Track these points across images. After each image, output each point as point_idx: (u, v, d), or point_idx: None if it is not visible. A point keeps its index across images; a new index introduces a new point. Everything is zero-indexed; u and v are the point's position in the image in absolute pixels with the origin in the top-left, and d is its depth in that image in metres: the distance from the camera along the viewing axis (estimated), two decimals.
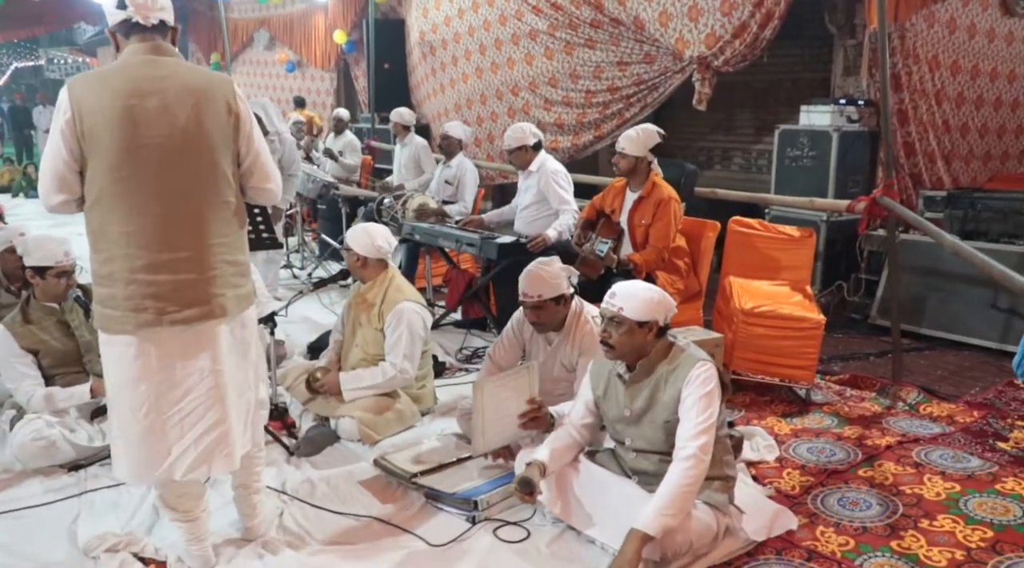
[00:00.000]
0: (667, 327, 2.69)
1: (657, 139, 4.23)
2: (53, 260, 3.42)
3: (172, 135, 2.27)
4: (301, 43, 12.02)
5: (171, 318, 2.29)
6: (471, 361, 4.69)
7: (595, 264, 4.15)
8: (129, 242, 2.26)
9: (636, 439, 2.70)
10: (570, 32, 6.78)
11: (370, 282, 3.78)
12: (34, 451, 3.25)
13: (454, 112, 8.68)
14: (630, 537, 2.41)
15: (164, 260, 2.28)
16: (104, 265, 2.30)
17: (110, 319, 2.30)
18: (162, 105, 2.26)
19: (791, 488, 3.14)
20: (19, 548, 2.75)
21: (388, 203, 6.07)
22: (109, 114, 2.21)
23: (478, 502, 2.87)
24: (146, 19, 2.29)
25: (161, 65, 2.30)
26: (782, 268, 4.41)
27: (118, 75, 2.26)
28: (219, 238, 2.38)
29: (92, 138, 2.22)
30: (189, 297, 2.31)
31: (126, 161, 2.23)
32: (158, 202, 2.28)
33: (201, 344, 2.36)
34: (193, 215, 2.33)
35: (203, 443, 2.38)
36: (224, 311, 2.38)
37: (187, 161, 2.31)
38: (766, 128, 6.44)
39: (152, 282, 2.27)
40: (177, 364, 2.34)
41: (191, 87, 2.31)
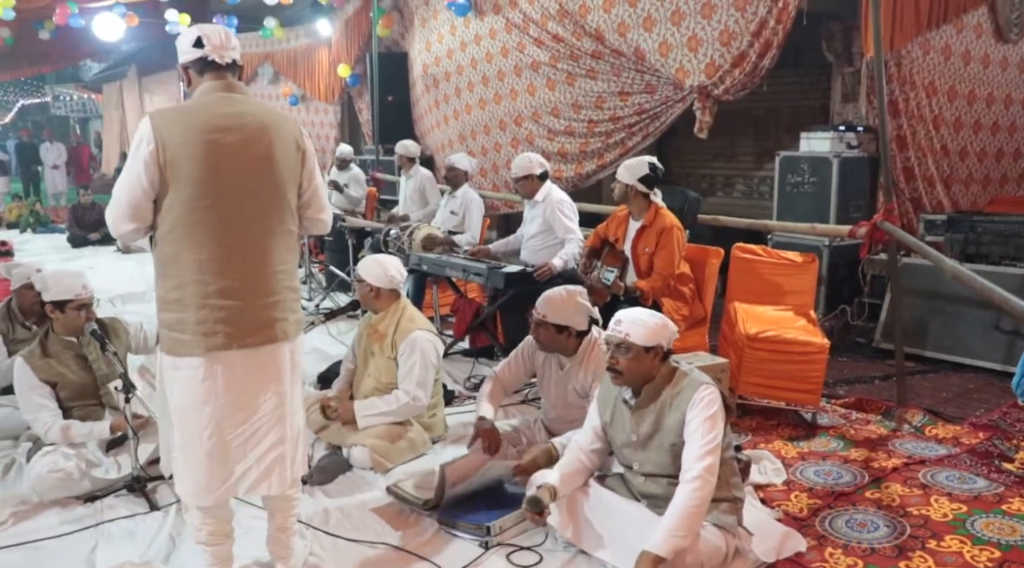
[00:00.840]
0: (670, 352, 2.75)
1: (646, 170, 4.27)
2: (72, 294, 3.49)
3: (249, 168, 2.40)
4: (305, 77, 12.19)
5: (240, 342, 2.39)
6: (479, 389, 4.73)
7: (602, 292, 4.21)
8: (202, 269, 2.36)
9: (644, 464, 2.74)
10: (572, 63, 6.90)
11: (382, 312, 3.84)
12: (51, 483, 3.29)
13: (458, 143, 8.79)
14: (642, 559, 2.44)
15: (235, 286, 2.39)
16: (174, 291, 2.39)
17: (179, 343, 2.39)
18: (240, 140, 2.38)
19: (799, 510, 3.17)
20: None
21: (395, 234, 6.15)
22: (191, 147, 2.32)
23: (491, 527, 2.90)
24: (221, 58, 2.43)
25: (236, 102, 2.43)
26: (786, 293, 4.47)
27: (199, 111, 2.38)
28: (282, 265, 2.51)
29: (174, 169, 2.31)
30: (256, 321, 2.42)
31: (205, 192, 2.34)
32: (232, 231, 2.39)
33: (266, 367, 2.47)
34: (263, 244, 2.45)
35: (265, 462, 2.49)
36: (286, 335, 2.50)
37: (261, 193, 2.44)
38: (767, 155, 6.54)
39: (223, 307, 2.37)
40: (243, 386, 2.43)
41: (265, 123, 2.45)
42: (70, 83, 23.34)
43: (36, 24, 12.62)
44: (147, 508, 3.25)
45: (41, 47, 14.65)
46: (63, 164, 16.63)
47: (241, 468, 2.46)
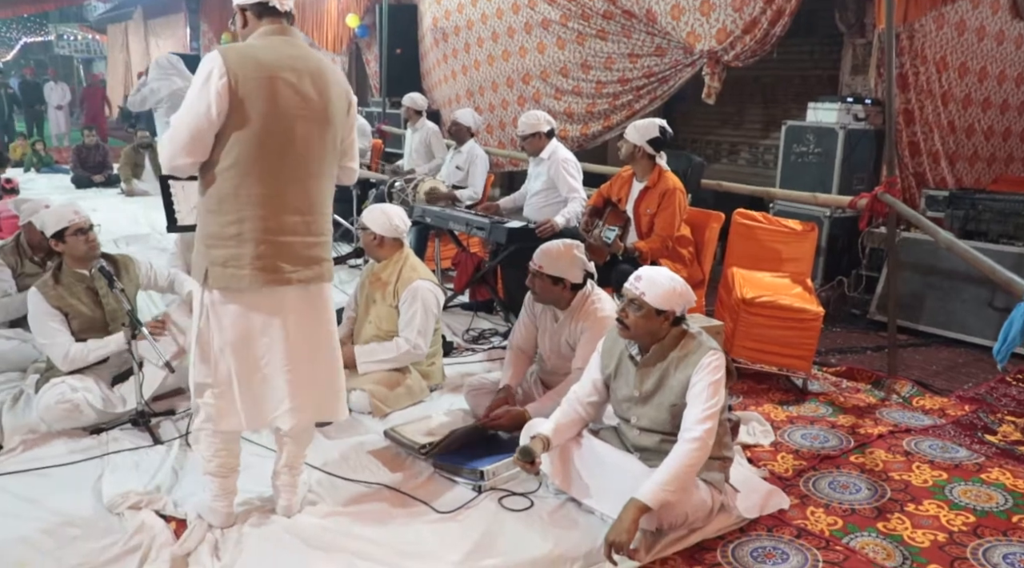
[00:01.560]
0: (683, 317, 2.80)
1: (655, 133, 4.30)
2: (67, 220, 3.54)
3: (311, 109, 2.47)
4: (313, 26, 12.07)
5: (296, 277, 2.49)
6: (477, 342, 4.81)
7: (602, 251, 4.26)
8: (264, 203, 2.43)
9: (642, 418, 2.81)
10: (582, 23, 6.87)
11: (385, 261, 3.90)
12: (58, 413, 3.37)
13: (465, 98, 8.77)
14: (629, 506, 2.52)
15: (293, 223, 2.48)
16: (231, 226, 2.43)
17: (233, 278, 2.44)
18: (304, 81, 2.45)
19: (784, 471, 3.26)
20: (47, 503, 2.88)
21: (399, 186, 6.18)
22: (261, 83, 2.37)
23: (484, 473, 3.00)
24: (282, 4, 2.48)
25: (298, 46, 2.50)
26: (784, 260, 4.52)
27: (266, 50, 2.43)
28: (328, 207, 2.63)
29: (246, 104, 2.36)
30: (308, 259, 2.53)
31: (271, 129, 2.41)
32: (293, 169, 2.46)
33: (316, 304, 2.60)
34: (316, 184, 2.54)
35: (315, 396, 2.62)
36: (330, 275, 2.63)
37: (319, 134, 2.51)
38: (774, 123, 6.53)
39: (281, 243, 2.46)
40: (297, 322, 2.54)
41: (323, 70, 2.53)
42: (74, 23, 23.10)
43: None
44: (151, 442, 3.34)
45: None
46: (67, 105, 16.52)
47: (296, 400, 2.57)
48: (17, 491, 2.96)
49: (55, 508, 2.85)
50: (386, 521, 2.81)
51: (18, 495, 2.93)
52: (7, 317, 4.20)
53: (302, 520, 2.79)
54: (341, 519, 2.82)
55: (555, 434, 2.87)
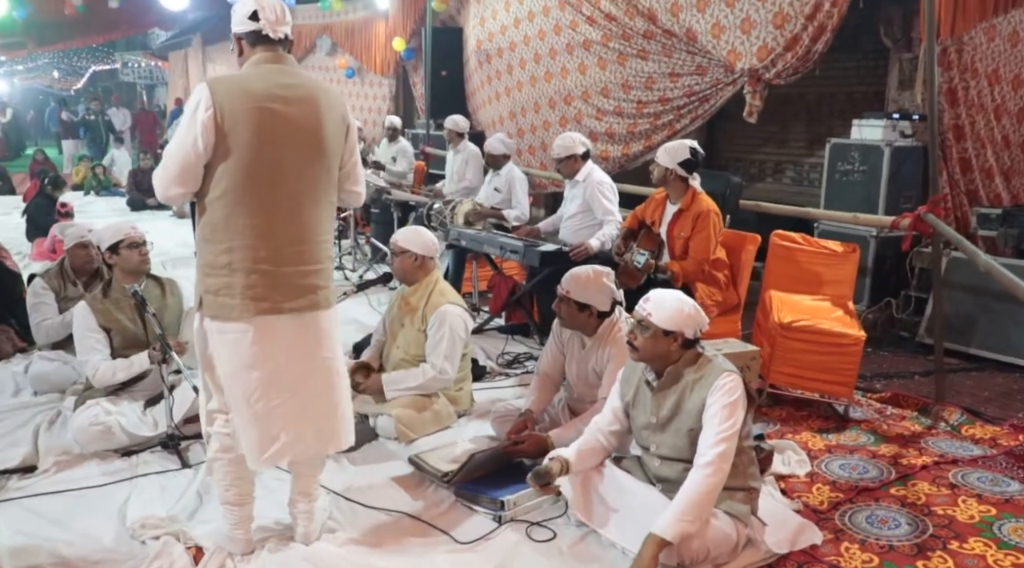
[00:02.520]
0: (696, 340, 2.73)
1: (686, 155, 4.22)
2: (123, 233, 3.67)
3: (301, 138, 2.47)
4: (362, 50, 12.26)
5: (289, 306, 2.47)
6: (511, 366, 4.77)
7: (634, 274, 4.19)
8: (254, 234, 2.43)
9: (661, 446, 2.74)
10: (623, 43, 6.83)
11: (415, 285, 3.89)
12: (92, 435, 3.44)
13: (508, 120, 8.79)
14: (647, 541, 2.46)
15: (285, 252, 2.46)
16: (223, 255, 2.44)
17: (227, 307, 2.44)
18: (294, 111, 2.45)
19: (819, 503, 3.14)
20: (75, 525, 2.93)
21: (437, 208, 6.20)
22: (248, 114, 2.38)
23: (505, 502, 2.94)
24: (275, 32, 2.49)
25: (289, 74, 2.50)
26: (824, 283, 4.38)
27: (256, 80, 2.44)
28: (325, 235, 2.59)
29: (230, 134, 2.37)
30: (302, 288, 2.50)
31: (259, 159, 2.41)
32: (284, 198, 2.46)
33: (311, 333, 2.55)
34: (310, 212, 2.52)
35: (313, 428, 2.57)
36: (328, 302, 2.58)
37: (311, 163, 2.50)
38: (819, 141, 6.37)
39: (273, 273, 2.44)
40: (289, 352, 2.50)
41: (316, 96, 2.51)
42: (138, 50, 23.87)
43: None
44: (179, 465, 3.37)
45: (111, 15, 14.95)
46: (127, 129, 17.05)
47: (287, 435, 2.52)
48: (47, 513, 3.01)
49: (82, 530, 2.89)
50: (404, 550, 2.78)
51: (47, 517, 2.98)
52: (49, 339, 4.32)
53: (321, 548, 2.77)
54: (360, 547, 2.80)
55: (576, 459, 2.82)
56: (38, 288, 4.36)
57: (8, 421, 3.79)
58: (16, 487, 3.20)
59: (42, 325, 4.31)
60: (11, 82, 26.09)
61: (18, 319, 4.68)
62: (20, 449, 3.50)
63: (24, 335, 4.67)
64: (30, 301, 4.36)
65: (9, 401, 4.07)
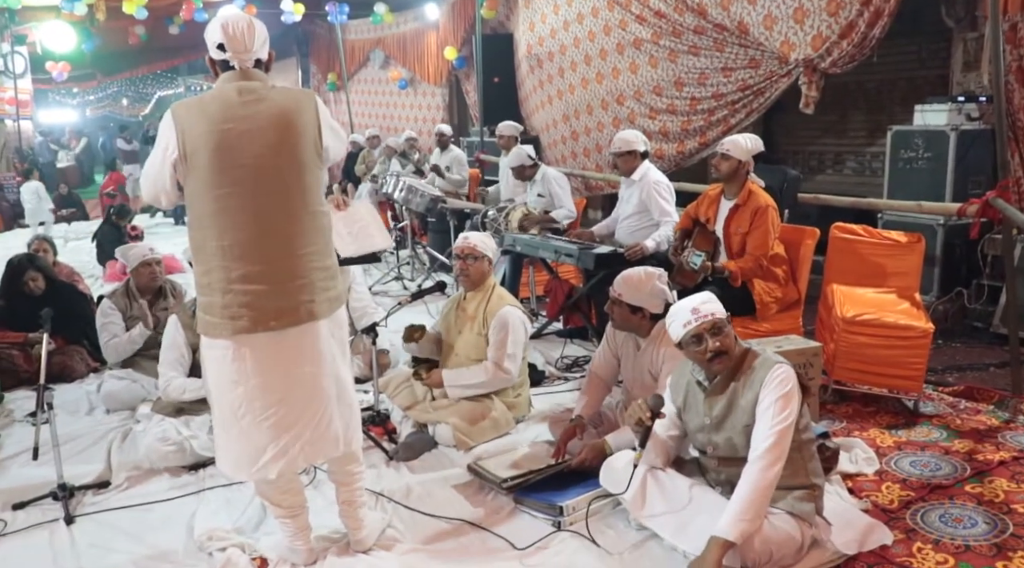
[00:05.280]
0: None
1: (761, 147, 4.21)
2: None
3: (264, 156, 2.44)
4: (414, 61, 12.41)
5: (264, 325, 2.46)
6: (570, 370, 4.74)
7: (690, 275, 4.14)
8: (225, 255, 2.44)
9: (718, 447, 2.69)
10: (674, 40, 6.76)
11: (473, 291, 3.91)
12: (162, 453, 3.53)
13: (562, 123, 8.77)
14: (711, 544, 2.41)
15: (258, 271, 2.45)
16: (204, 276, 2.50)
17: (209, 325, 2.49)
18: (255, 128, 2.43)
19: (889, 502, 3.03)
20: (146, 537, 3.02)
21: (491, 215, 6.21)
22: (208, 138, 2.40)
23: (564, 508, 2.92)
24: (241, 62, 2.48)
25: (250, 90, 2.46)
26: (888, 275, 4.25)
27: (214, 102, 2.45)
28: (309, 247, 2.54)
29: (193, 158, 2.41)
30: (281, 305, 2.47)
31: (223, 181, 2.42)
32: (253, 218, 2.45)
33: (294, 348, 2.52)
34: (286, 228, 2.49)
35: (302, 439, 2.54)
36: (312, 315, 2.53)
37: (279, 179, 2.47)
38: (880, 130, 6.19)
39: (246, 291, 2.44)
40: (272, 368, 2.50)
41: (283, 108, 2.48)
42: (200, 74, 24.53)
43: (167, 20, 13.34)
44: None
45: (173, 41, 15.49)
46: None
47: (273, 449, 2.51)
48: (120, 526, 3.11)
49: (152, 543, 2.98)
50: (464, 559, 2.78)
51: (121, 530, 3.08)
52: (118, 357, 4.46)
53: (382, 556, 2.80)
54: (420, 555, 2.82)
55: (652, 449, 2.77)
56: (106, 308, 4.51)
57: (83, 439, 3.91)
58: (91, 502, 3.31)
59: (110, 344, 4.46)
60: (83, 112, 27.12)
61: (90, 340, 4.84)
62: (94, 465, 3.62)
63: (96, 355, 4.84)
64: (99, 321, 4.51)
65: (84, 420, 4.21)
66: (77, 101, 26.14)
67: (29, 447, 3.33)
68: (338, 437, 2.62)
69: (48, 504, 3.25)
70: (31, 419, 4.09)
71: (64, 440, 3.31)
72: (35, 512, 3.22)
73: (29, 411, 4.24)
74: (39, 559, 2.90)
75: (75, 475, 3.40)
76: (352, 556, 2.80)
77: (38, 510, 3.23)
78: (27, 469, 3.56)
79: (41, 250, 5.72)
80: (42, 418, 3.14)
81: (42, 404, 3.11)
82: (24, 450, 3.71)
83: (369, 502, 2.99)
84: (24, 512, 3.22)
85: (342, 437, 2.64)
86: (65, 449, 3.35)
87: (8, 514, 3.21)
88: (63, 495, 3.21)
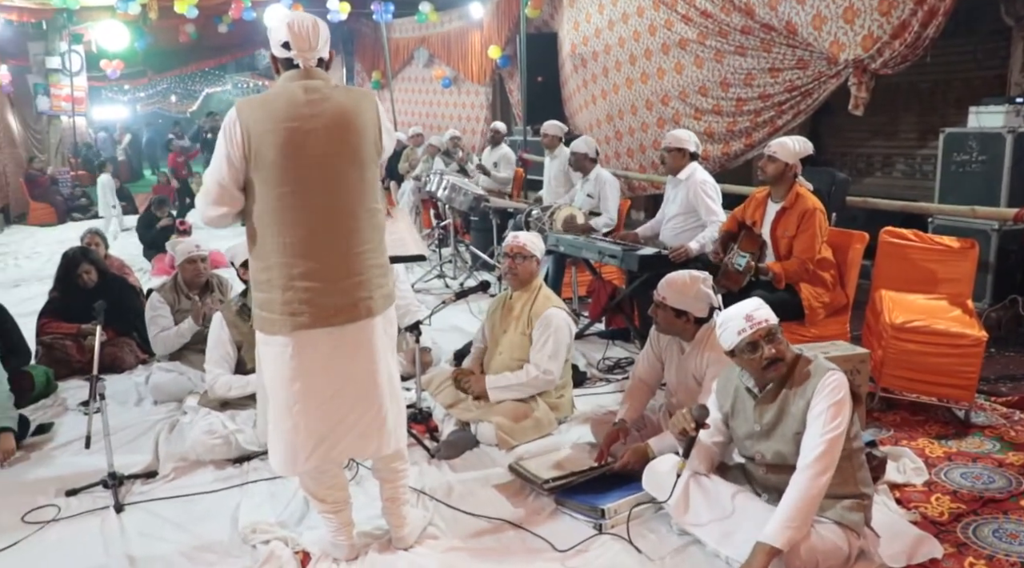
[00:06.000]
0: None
1: (810, 149, 4.14)
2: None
3: (328, 154, 2.47)
4: (459, 59, 12.44)
5: (324, 321, 2.49)
6: (612, 372, 4.72)
7: (735, 277, 4.09)
8: (286, 252, 2.47)
9: (766, 454, 2.65)
10: (720, 40, 6.68)
11: (519, 291, 3.92)
12: (208, 446, 3.59)
13: (605, 123, 8.73)
14: (756, 551, 2.38)
15: (319, 268, 2.48)
16: (263, 272, 2.52)
17: (267, 322, 2.52)
18: (320, 126, 2.46)
19: (939, 515, 2.97)
20: (191, 528, 3.07)
21: (536, 215, 6.21)
22: (274, 135, 2.42)
23: (605, 510, 2.91)
24: (305, 61, 2.51)
25: (315, 89, 2.49)
26: (940, 281, 4.15)
27: (280, 99, 2.47)
28: (367, 244, 2.57)
29: (258, 156, 2.43)
30: (340, 302, 2.51)
31: (287, 178, 2.44)
32: (316, 214, 2.48)
33: (352, 344, 2.55)
34: (347, 225, 2.52)
35: (351, 434, 2.58)
36: (370, 311, 2.57)
37: (341, 177, 2.51)
38: (932, 132, 6.07)
39: (307, 288, 2.47)
40: (329, 364, 2.53)
41: (344, 107, 2.51)
42: (247, 71, 24.89)
43: (216, 19, 13.57)
44: None
45: (221, 39, 15.77)
46: None
47: (329, 441, 2.56)
48: (166, 515, 3.18)
49: (197, 533, 3.03)
50: (504, 558, 2.78)
51: (167, 519, 3.15)
52: (166, 350, 4.55)
53: (423, 554, 2.82)
54: (461, 554, 2.83)
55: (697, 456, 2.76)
56: (155, 302, 4.61)
57: (132, 429, 4.00)
58: (139, 491, 3.38)
59: (159, 337, 4.55)
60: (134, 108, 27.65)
61: (139, 332, 4.95)
62: (142, 456, 3.71)
63: (144, 347, 4.94)
64: (148, 314, 4.61)
65: (132, 410, 4.31)
66: (128, 98, 26.64)
67: (81, 435, 3.41)
68: (390, 434, 2.65)
69: (99, 492, 3.34)
70: (83, 408, 4.20)
71: (114, 430, 3.38)
72: (86, 499, 3.30)
73: (81, 400, 4.35)
74: (91, 545, 2.97)
75: (124, 464, 3.48)
76: (394, 553, 2.83)
77: (89, 497, 3.32)
78: (79, 457, 3.65)
79: (93, 243, 5.84)
80: (94, 408, 3.21)
81: (95, 394, 3.18)
82: (77, 438, 3.81)
83: (411, 500, 3.01)
84: (76, 499, 3.31)
85: (394, 434, 2.66)
86: (115, 439, 3.41)
87: (61, 500, 3.30)
88: (113, 483, 3.28)
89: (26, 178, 13.15)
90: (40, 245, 10.57)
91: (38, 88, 14.07)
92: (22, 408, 4.01)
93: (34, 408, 4.31)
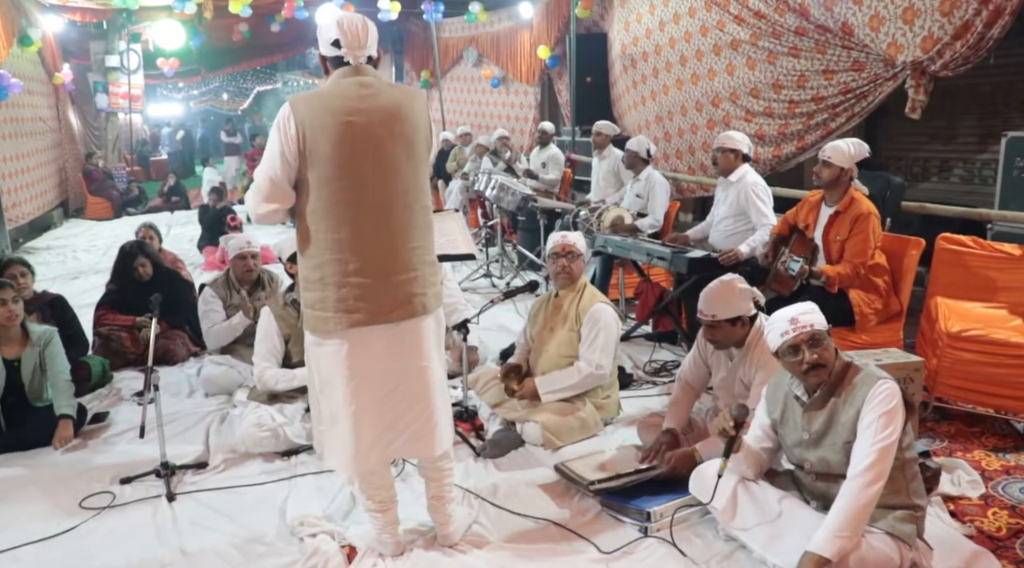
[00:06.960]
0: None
1: (866, 153, 4.06)
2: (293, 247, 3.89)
3: (386, 149, 2.49)
4: (507, 59, 12.46)
5: (381, 318, 2.50)
6: (659, 374, 4.69)
7: (787, 282, 4.03)
8: (341, 248, 2.48)
9: (816, 463, 2.61)
10: (773, 41, 6.59)
11: (565, 289, 3.93)
12: (257, 438, 3.65)
13: (655, 124, 8.67)
14: (804, 560, 2.36)
15: (374, 264, 2.49)
16: (315, 270, 2.52)
17: (320, 320, 2.52)
18: (376, 121, 2.48)
19: (996, 529, 2.89)
20: (240, 519, 3.13)
21: (584, 215, 6.19)
22: (329, 131, 2.43)
23: (651, 513, 2.89)
24: (355, 59, 2.52)
25: (368, 85, 2.51)
26: (998, 290, 4.04)
27: (335, 95, 2.49)
28: (420, 241, 2.59)
29: (313, 151, 2.44)
30: (396, 297, 2.52)
31: (343, 173, 2.46)
32: (371, 210, 2.49)
33: (407, 341, 2.57)
34: (401, 220, 2.54)
35: (406, 434, 2.60)
36: (425, 308, 2.58)
37: (396, 173, 2.52)
38: (993, 136, 5.92)
39: (362, 284, 2.48)
40: (386, 361, 2.55)
41: (399, 102, 2.53)
42: (297, 70, 25.21)
43: (269, 18, 13.77)
44: None
45: (273, 38, 15.99)
46: None
47: (385, 439, 2.58)
48: (216, 506, 3.24)
49: (246, 524, 3.09)
50: (548, 559, 2.78)
51: (217, 510, 3.21)
52: (218, 344, 4.64)
53: (468, 552, 2.83)
54: (505, 553, 2.83)
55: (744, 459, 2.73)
56: (207, 296, 4.70)
57: (183, 420, 4.09)
58: (191, 481, 3.45)
59: (211, 331, 4.64)
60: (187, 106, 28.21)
61: (192, 326, 5.05)
62: (194, 446, 3.79)
63: (196, 340, 5.04)
64: (201, 309, 4.70)
65: (184, 402, 4.40)
66: (182, 95, 27.19)
67: (136, 425, 3.49)
68: (442, 435, 2.66)
69: (151, 481, 3.42)
70: (138, 399, 4.31)
71: (166, 420, 3.46)
72: (140, 487, 3.39)
73: (135, 390, 4.46)
74: (144, 533, 3.04)
75: (176, 454, 3.57)
76: (439, 550, 2.84)
77: (142, 486, 3.40)
78: (134, 446, 3.74)
79: (147, 237, 5.97)
80: (148, 398, 3.28)
81: (149, 385, 3.25)
82: (131, 428, 3.92)
83: (457, 497, 3.03)
84: (131, 486, 3.40)
85: (445, 435, 2.68)
86: (167, 429, 3.50)
87: (116, 488, 3.39)
88: (165, 473, 3.36)
89: (84, 173, 13.49)
90: (97, 239, 10.84)
91: (98, 86, 14.42)
92: (79, 397, 4.12)
93: (91, 397, 4.43)
